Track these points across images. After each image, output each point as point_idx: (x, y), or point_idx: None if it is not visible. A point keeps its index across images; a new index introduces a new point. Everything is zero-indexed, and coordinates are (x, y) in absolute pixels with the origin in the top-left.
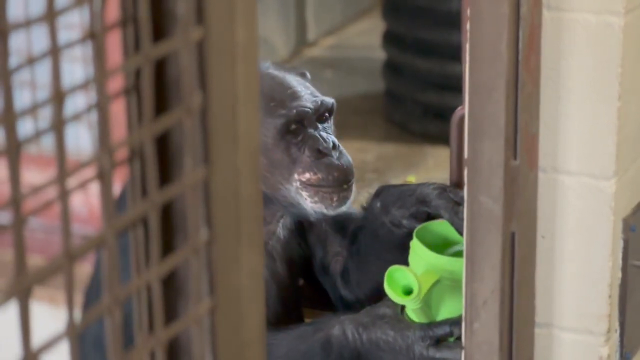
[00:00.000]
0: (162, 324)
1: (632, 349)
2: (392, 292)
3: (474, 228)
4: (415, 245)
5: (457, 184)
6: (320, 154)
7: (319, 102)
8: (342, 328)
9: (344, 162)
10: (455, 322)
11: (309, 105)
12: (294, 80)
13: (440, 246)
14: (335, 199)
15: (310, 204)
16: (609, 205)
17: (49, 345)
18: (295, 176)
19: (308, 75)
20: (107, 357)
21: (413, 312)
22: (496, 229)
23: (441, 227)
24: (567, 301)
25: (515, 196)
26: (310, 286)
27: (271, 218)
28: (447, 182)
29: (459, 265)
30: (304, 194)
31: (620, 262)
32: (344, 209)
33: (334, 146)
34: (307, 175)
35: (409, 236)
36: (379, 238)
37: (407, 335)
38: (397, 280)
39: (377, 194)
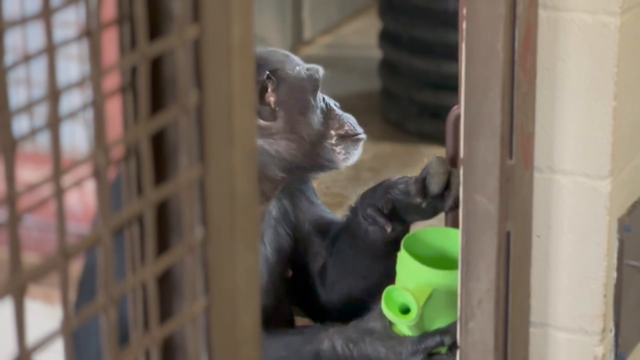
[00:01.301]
0: (157, 322)
1: (627, 348)
2: (390, 312)
3: (469, 227)
4: (404, 258)
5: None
6: (336, 109)
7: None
8: (332, 343)
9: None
10: (446, 331)
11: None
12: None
13: (430, 256)
14: (357, 147)
15: (342, 157)
16: (604, 205)
17: (43, 343)
18: (332, 132)
19: None
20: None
21: (406, 326)
22: (491, 228)
23: (430, 236)
24: (562, 301)
25: (511, 195)
26: (295, 283)
27: (264, 198)
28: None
29: (451, 277)
30: (337, 148)
31: (615, 261)
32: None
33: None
34: (346, 127)
35: (385, 240)
36: (356, 239)
37: (400, 352)
38: (394, 300)
39: (361, 197)
